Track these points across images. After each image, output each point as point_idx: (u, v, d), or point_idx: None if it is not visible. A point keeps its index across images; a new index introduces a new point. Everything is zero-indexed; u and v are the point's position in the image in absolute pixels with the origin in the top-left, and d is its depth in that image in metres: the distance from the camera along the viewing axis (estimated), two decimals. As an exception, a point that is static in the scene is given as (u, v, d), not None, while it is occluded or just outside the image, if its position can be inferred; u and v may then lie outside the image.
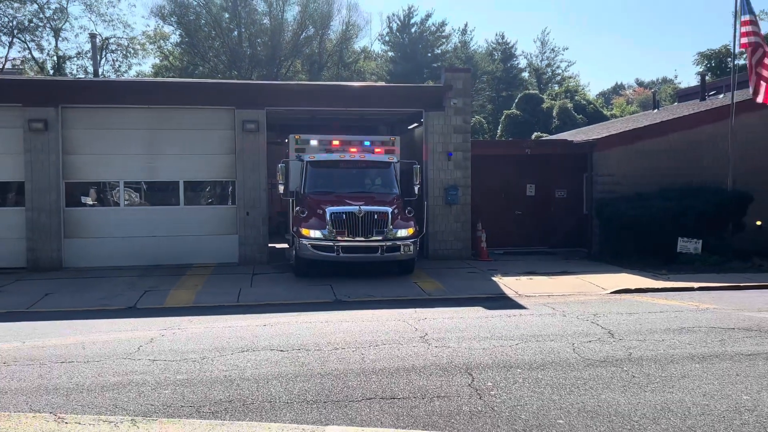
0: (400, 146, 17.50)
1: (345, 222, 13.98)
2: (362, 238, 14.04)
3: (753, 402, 6.22)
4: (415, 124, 19.53)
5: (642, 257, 16.68)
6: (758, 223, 17.64)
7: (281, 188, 15.60)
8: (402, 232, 14.38)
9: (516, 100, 48.53)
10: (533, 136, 38.78)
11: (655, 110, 30.64)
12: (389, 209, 14.39)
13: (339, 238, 13.93)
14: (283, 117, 19.05)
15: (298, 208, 15.05)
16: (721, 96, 23.76)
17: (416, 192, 16.12)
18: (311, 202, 14.88)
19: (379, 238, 14.10)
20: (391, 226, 14.17)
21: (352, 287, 13.68)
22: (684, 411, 5.98)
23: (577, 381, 6.92)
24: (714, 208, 16.56)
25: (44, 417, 5.95)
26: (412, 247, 14.46)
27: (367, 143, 16.85)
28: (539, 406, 6.14)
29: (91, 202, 17.81)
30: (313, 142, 16.71)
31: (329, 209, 14.09)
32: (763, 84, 16.47)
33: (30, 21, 42.30)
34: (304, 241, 14.09)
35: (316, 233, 14.02)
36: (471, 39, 65.69)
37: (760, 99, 16.60)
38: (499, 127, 47.23)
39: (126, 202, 17.83)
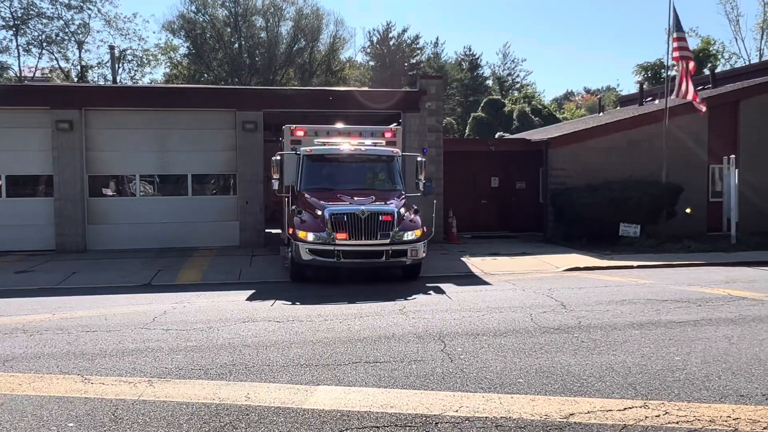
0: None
1: (346, 224, 11.11)
2: (365, 242, 11.19)
3: (683, 362, 6.31)
4: (394, 124, 19.46)
5: (590, 240, 16.78)
6: (688, 210, 17.85)
7: (275, 184, 12.67)
8: (409, 235, 11.43)
9: (481, 104, 48.52)
10: (496, 136, 38.78)
11: (601, 114, 30.84)
12: (395, 209, 11.46)
13: (339, 241, 11.07)
14: (278, 118, 18.93)
15: (294, 206, 12.03)
16: (657, 102, 23.93)
17: (421, 188, 13.18)
18: (308, 201, 11.92)
19: (385, 241, 11.20)
20: (397, 228, 11.27)
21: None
22: (625, 370, 6.04)
23: (534, 346, 6.99)
24: (650, 198, 16.70)
25: (72, 378, 5.94)
26: (420, 251, 11.59)
27: (367, 134, 13.70)
28: (502, 367, 6.19)
29: (111, 193, 17.79)
30: (310, 134, 13.71)
31: (328, 209, 11.24)
32: (691, 89, 16.63)
33: (57, 35, 42.92)
34: (301, 245, 11.19)
35: (313, 236, 11.12)
36: (442, 51, 65.43)
37: (690, 97, 16.69)
38: (467, 128, 47.25)
39: (141, 193, 17.76)
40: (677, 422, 4.74)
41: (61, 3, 42.00)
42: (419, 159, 13.22)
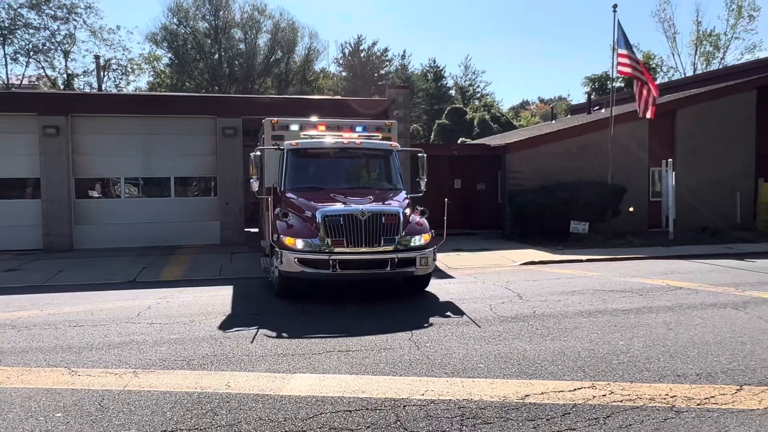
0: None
1: (343, 228, 8.52)
2: (366, 249, 8.58)
3: (626, 346, 6.43)
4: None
5: (544, 236, 16.93)
6: (631, 209, 18.19)
7: (255, 185, 10.05)
8: (417, 240, 8.95)
9: (445, 112, 48.75)
10: (459, 141, 38.96)
11: (553, 121, 31.29)
12: (399, 209, 8.94)
13: (335, 249, 8.51)
14: (256, 124, 18.68)
15: (278, 209, 9.31)
16: (603, 110, 24.39)
17: (423, 187, 10.75)
18: (295, 202, 9.39)
19: (389, 248, 8.65)
20: (403, 232, 8.79)
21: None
22: (575, 354, 6.14)
23: (494, 333, 7.04)
24: (598, 198, 16.94)
25: (60, 371, 5.79)
26: (430, 259, 9.03)
27: (359, 128, 10.99)
28: (464, 354, 6.24)
29: (96, 195, 17.35)
30: (294, 127, 10.89)
31: (321, 210, 8.64)
32: (643, 104, 17.01)
33: (44, 44, 41.89)
34: (288, 254, 8.58)
35: (303, 243, 8.58)
36: (409, 62, 65.67)
37: (648, 115, 17.07)
38: (432, 134, 47.42)
39: (126, 195, 17.38)
40: (621, 401, 4.84)
41: (47, 14, 41.14)
42: (420, 155, 10.77)
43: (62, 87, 41.92)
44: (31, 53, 41.42)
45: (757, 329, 7.11)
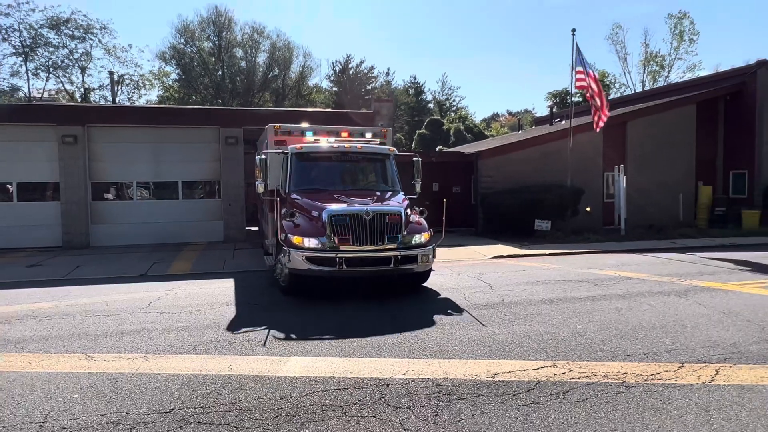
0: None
1: (349, 227, 8.11)
2: (371, 247, 8.17)
3: (583, 330, 6.49)
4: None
5: (512, 233, 16.99)
6: (587, 209, 18.30)
7: (260, 187, 9.39)
8: (418, 238, 8.57)
9: (425, 123, 48.84)
10: (437, 149, 39.12)
11: (520, 131, 31.47)
12: (401, 209, 8.58)
13: (342, 247, 8.07)
14: (255, 134, 18.57)
15: (284, 210, 8.87)
16: (563, 122, 24.56)
17: (418, 189, 10.68)
18: (300, 203, 8.91)
19: (392, 246, 8.26)
20: (405, 231, 8.45)
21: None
22: (539, 337, 6.19)
23: (467, 319, 7.07)
24: (559, 199, 17.00)
25: (77, 356, 5.70)
26: (430, 256, 8.70)
27: (357, 134, 10.59)
28: (441, 337, 6.25)
29: (111, 197, 17.11)
30: (296, 133, 10.34)
31: (327, 210, 8.20)
32: (596, 117, 17.19)
33: (62, 61, 41.47)
34: (297, 252, 8.16)
35: (311, 242, 8.13)
36: (392, 79, 65.28)
37: (595, 126, 17.28)
38: (413, 143, 47.46)
39: (138, 197, 17.17)
40: (578, 377, 4.89)
41: (66, 34, 40.66)
42: (415, 159, 10.47)
43: (79, 100, 41.44)
44: (51, 69, 41.09)
45: (696, 314, 7.22)
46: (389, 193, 9.52)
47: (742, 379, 4.82)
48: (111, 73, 34.76)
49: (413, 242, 8.47)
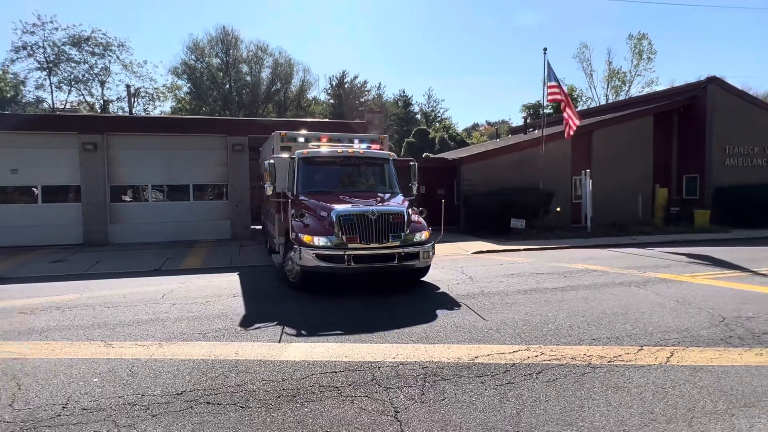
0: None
1: (356, 226, 7.89)
2: (377, 245, 7.95)
3: (554, 317, 6.51)
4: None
5: (490, 231, 17.03)
6: (558, 209, 18.40)
7: (269, 189, 9.20)
8: (419, 236, 8.35)
9: (412, 133, 48.69)
10: (424, 156, 38.88)
11: (498, 140, 31.54)
12: (404, 210, 8.36)
13: (350, 245, 7.85)
14: (260, 141, 18.49)
15: (293, 210, 8.60)
16: (537, 131, 24.69)
17: (414, 191, 10.26)
18: (309, 204, 8.66)
19: (396, 243, 8.05)
20: (407, 230, 8.23)
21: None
22: (514, 324, 6.20)
23: (451, 309, 7.07)
24: (532, 200, 17.09)
25: (96, 344, 5.64)
26: (430, 253, 8.52)
27: (357, 140, 10.45)
28: (427, 325, 6.26)
29: (128, 199, 16.94)
30: (300, 139, 10.20)
31: (336, 211, 7.96)
32: (566, 127, 17.30)
33: (83, 75, 41.22)
34: (307, 250, 7.92)
35: (321, 240, 7.90)
36: (384, 92, 65.02)
37: (566, 135, 17.41)
38: (402, 150, 47.27)
39: (153, 199, 17.00)
40: (549, 360, 4.92)
41: (86, 51, 40.33)
42: (411, 164, 10.18)
43: (99, 111, 41.12)
44: (73, 83, 40.83)
45: (654, 302, 7.28)
46: (389, 195, 9.34)
47: (693, 360, 4.87)
48: (128, 86, 34.58)
49: (415, 240, 8.28)
